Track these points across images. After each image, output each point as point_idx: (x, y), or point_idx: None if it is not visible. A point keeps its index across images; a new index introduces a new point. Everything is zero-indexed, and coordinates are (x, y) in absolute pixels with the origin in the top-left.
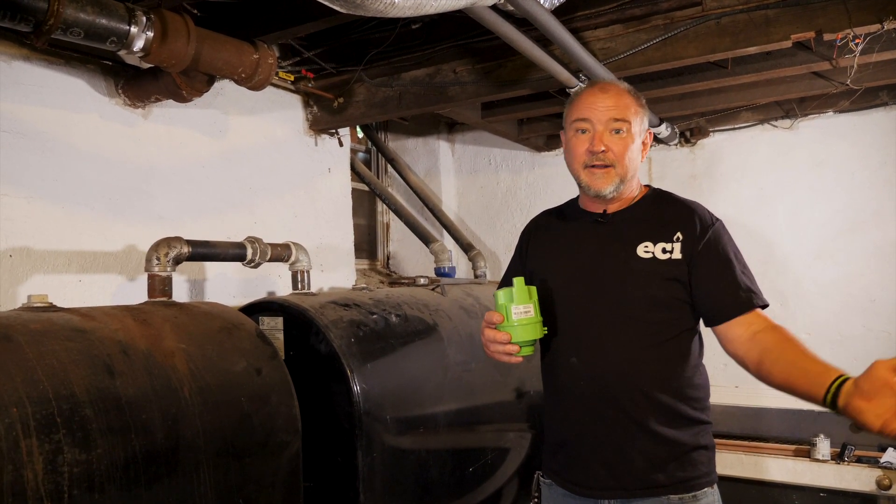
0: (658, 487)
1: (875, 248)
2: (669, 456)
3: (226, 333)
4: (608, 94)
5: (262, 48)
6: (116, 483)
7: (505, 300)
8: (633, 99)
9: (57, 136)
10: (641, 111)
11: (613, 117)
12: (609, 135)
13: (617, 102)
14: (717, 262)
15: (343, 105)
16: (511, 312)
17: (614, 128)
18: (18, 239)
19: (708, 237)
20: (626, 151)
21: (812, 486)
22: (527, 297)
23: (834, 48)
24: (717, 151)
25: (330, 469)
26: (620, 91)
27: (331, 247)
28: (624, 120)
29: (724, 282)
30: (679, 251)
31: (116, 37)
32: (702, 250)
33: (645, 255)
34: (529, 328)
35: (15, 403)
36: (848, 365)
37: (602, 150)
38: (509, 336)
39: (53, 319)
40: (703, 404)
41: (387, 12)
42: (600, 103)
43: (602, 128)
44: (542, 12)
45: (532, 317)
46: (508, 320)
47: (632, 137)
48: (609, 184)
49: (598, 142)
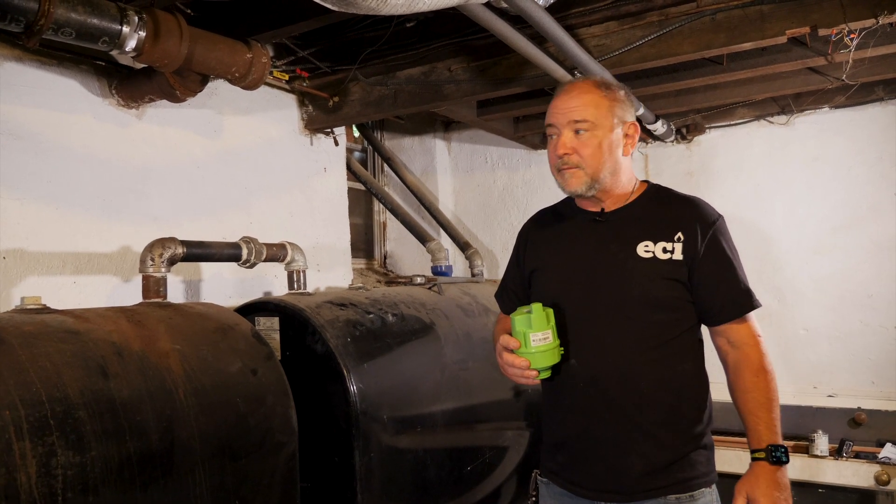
0: (656, 489)
1: (872, 244)
2: (669, 458)
3: (221, 334)
4: (570, 96)
5: (256, 47)
6: (111, 485)
7: (522, 326)
8: (600, 93)
9: (50, 137)
10: (612, 103)
11: (573, 119)
12: (573, 137)
13: (578, 103)
14: (717, 264)
15: (338, 104)
16: (530, 340)
17: (576, 129)
18: (12, 241)
19: (710, 237)
20: (592, 150)
21: (810, 482)
22: (545, 323)
23: (829, 43)
24: (713, 148)
25: (327, 469)
26: (584, 89)
27: (327, 246)
28: (584, 120)
29: (723, 284)
30: (680, 252)
31: (108, 37)
32: (703, 251)
33: (645, 254)
34: (548, 354)
35: (7, 406)
36: (846, 361)
37: (565, 153)
38: (528, 362)
39: (47, 321)
40: (704, 405)
41: (379, 10)
42: (561, 105)
43: (565, 131)
44: (536, 9)
45: (550, 343)
46: (527, 346)
47: (598, 134)
48: (580, 184)
49: (561, 145)
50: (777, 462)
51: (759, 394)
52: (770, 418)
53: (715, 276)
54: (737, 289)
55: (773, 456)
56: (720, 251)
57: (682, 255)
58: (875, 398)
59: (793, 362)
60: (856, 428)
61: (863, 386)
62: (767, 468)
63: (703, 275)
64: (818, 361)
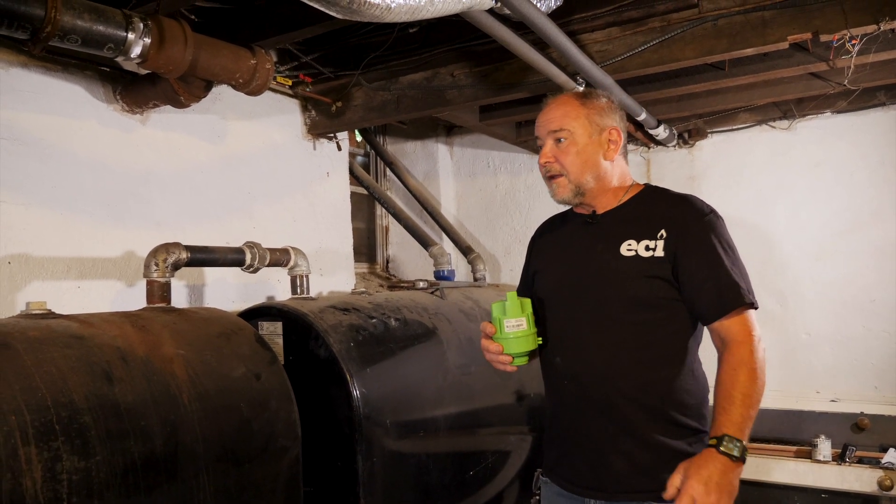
0: (640, 492)
1: (874, 248)
2: (656, 462)
3: (225, 339)
4: (548, 108)
5: (260, 53)
6: (115, 490)
7: (498, 313)
8: (576, 104)
9: (55, 142)
10: (589, 112)
11: (551, 129)
12: (553, 146)
13: (555, 114)
14: (703, 258)
15: (341, 109)
16: (504, 325)
17: (555, 138)
18: (17, 246)
19: (694, 231)
20: (569, 157)
21: (813, 488)
22: (519, 310)
23: (831, 49)
24: (715, 153)
25: (330, 474)
26: (562, 101)
27: (330, 251)
28: (561, 129)
29: (709, 280)
30: (662, 248)
31: (114, 43)
32: (686, 246)
33: (627, 253)
34: (521, 340)
35: (13, 411)
36: (848, 366)
37: (546, 161)
38: (501, 347)
39: (52, 326)
40: (697, 411)
41: (383, 17)
42: (542, 118)
43: (547, 141)
44: (538, 16)
45: (524, 329)
46: (501, 332)
47: (576, 142)
48: (566, 191)
49: (543, 155)
50: (727, 454)
51: (733, 387)
52: (738, 413)
53: (701, 271)
54: (724, 284)
55: (725, 446)
56: (707, 246)
57: (664, 251)
58: (878, 403)
59: (795, 367)
60: (859, 433)
61: (866, 391)
62: (715, 456)
63: (688, 271)
64: (821, 366)
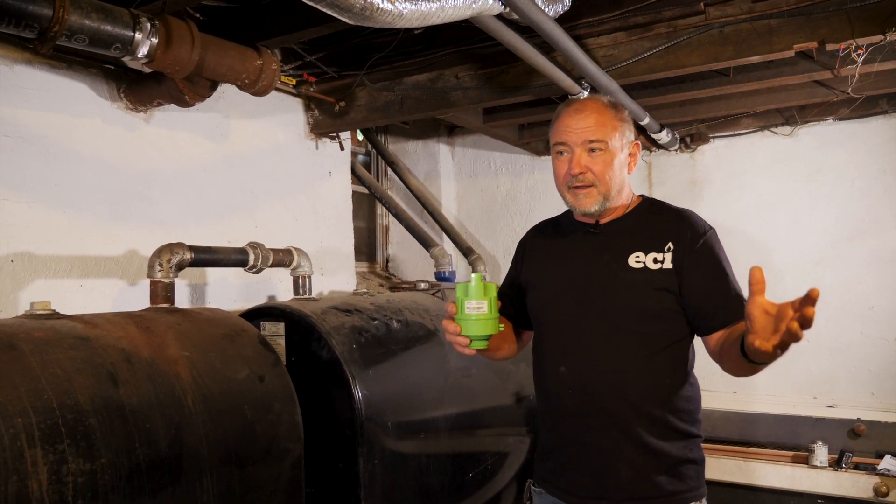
0: (644, 499)
1: (874, 256)
2: (657, 468)
3: (228, 340)
4: (583, 115)
5: (266, 54)
6: (120, 492)
7: (461, 293)
8: (611, 114)
9: (59, 140)
10: (622, 125)
11: (588, 139)
12: (587, 155)
13: (592, 123)
14: (708, 272)
15: (344, 109)
16: (464, 306)
17: (591, 148)
18: (20, 244)
19: (699, 246)
20: (605, 169)
21: (810, 493)
22: (482, 293)
23: (836, 58)
24: (716, 157)
25: (331, 475)
26: (596, 109)
27: (331, 250)
28: (600, 140)
29: (715, 292)
30: (670, 261)
31: (121, 43)
32: (693, 260)
33: (636, 265)
34: (480, 323)
35: (19, 413)
36: (846, 372)
37: (580, 171)
38: (460, 328)
39: (57, 327)
40: (694, 417)
41: (395, 24)
42: (575, 125)
43: (579, 150)
44: (546, 21)
45: (485, 313)
46: (462, 313)
47: (611, 154)
48: (594, 203)
49: (577, 164)
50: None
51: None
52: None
53: (706, 283)
54: (728, 296)
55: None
56: (712, 260)
57: (672, 264)
58: (875, 409)
59: (793, 372)
60: (855, 439)
61: (863, 397)
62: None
63: (694, 283)
64: (818, 372)
